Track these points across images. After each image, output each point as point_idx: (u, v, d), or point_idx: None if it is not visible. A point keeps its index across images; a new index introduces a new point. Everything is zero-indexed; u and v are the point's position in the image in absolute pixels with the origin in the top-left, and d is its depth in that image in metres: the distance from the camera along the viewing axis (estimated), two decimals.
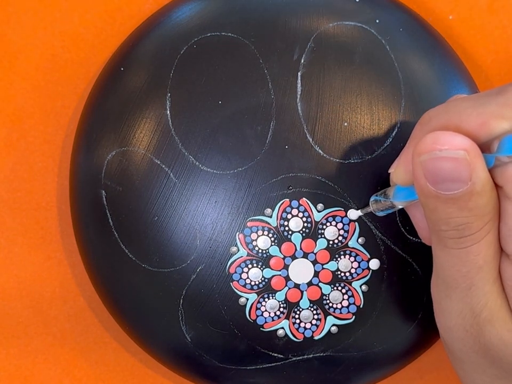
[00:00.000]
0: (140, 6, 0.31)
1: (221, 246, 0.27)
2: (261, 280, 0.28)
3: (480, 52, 0.32)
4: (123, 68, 0.28)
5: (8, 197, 0.31)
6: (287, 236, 0.28)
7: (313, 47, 0.28)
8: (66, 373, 0.32)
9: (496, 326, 0.22)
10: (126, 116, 0.28)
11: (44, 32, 0.30)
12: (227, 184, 0.27)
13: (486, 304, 0.22)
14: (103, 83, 0.29)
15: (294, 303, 0.28)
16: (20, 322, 0.31)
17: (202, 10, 0.28)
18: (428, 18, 0.31)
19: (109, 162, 0.28)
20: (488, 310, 0.22)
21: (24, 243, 0.31)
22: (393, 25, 0.29)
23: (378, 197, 0.26)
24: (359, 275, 0.28)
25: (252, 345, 0.28)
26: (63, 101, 0.31)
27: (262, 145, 0.27)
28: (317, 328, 0.28)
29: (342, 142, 0.28)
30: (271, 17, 0.28)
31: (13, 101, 0.31)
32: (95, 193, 0.28)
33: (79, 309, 0.31)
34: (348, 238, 0.28)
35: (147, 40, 0.29)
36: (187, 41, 0.28)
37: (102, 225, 0.28)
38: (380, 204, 0.26)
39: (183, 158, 0.27)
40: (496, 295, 0.22)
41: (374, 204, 0.27)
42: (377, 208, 0.26)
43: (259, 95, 0.27)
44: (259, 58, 0.28)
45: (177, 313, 0.28)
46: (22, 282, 0.31)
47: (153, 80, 0.28)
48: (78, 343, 0.32)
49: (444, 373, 0.33)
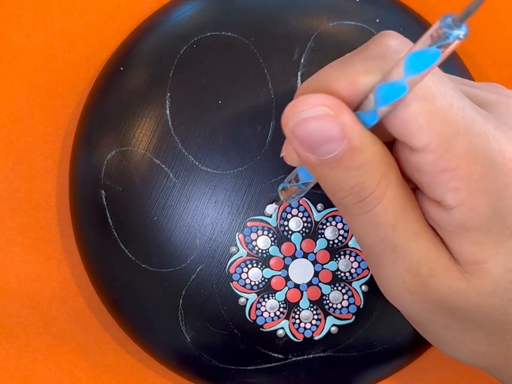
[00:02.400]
0: (140, 6, 0.31)
1: (220, 246, 0.27)
2: (260, 280, 0.28)
3: (480, 51, 0.32)
4: (123, 67, 0.28)
5: (7, 197, 0.31)
6: (287, 236, 0.28)
7: (313, 46, 0.28)
8: (66, 373, 0.32)
9: (440, 277, 0.21)
10: (126, 115, 0.28)
11: (43, 32, 0.30)
12: (227, 184, 0.27)
13: (420, 260, 0.21)
14: (103, 83, 0.29)
15: (294, 303, 0.28)
16: (19, 323, 0.31)
17: (202, 10, 0.28)
18: (428, 18, 0.31)
19: (109, 162, 0.28)
20: (425, 264, 0.21)
21: (24, 243, 0.31)
22: (394, 25, 0.29)
23: (285, 184, 0.25)
24: (359, 275, 0.28)
25: (251, 346, 0.28)
26: (63, 101, 0.31)
27: (262, 145, 0.27)
28: (317, 328, 0.28)
29: None
30: (271, 17, 0.28)
31: (13, 101, 0.30)
32: (94, 193, 0.28)
33: (79, 309, 0.31)
34: (348, 238, 0.28)
35: (147, 40, 0.29)
36: (187, 41, 0.28)
37: (101, 225, 0.28)
38: (288, 190, 0.25)
39: (182, 157, 0.27)
40: (426, 248, 0.21)
41: (282, 192, 0.26)
42: (288, 196, 0.25)
43: (259, 95, 0.27)
44: (259, 58, 0.28)
45: (177, 313, 0.28)
46: (22, 282, 0.31)
47: (153, 80, 0.28)
48: (78, 343, 0.31)
49: (444, 373, 0.33)
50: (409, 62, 0.17)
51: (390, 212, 0.20)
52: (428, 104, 0.18)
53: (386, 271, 0.22)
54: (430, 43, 0.16)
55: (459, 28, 0.15)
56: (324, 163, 0.20)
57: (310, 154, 0.19)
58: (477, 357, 0.23)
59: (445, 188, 0.19)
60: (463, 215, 0.20)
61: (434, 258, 0.21)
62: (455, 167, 0.19)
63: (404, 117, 0.19)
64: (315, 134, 0.19)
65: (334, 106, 0.19)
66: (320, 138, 0.19)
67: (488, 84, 0.24)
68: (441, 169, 0.19)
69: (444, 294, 0.21)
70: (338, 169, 0.20)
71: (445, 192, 0.19)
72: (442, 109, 0.19)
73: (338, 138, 0.19)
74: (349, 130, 0.19)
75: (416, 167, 0.20)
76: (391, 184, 0.20)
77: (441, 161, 0.19)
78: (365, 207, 0.20)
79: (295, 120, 0.19)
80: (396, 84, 0.17)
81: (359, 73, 0.19)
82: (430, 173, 0.19)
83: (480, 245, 0.20)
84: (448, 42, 0.16)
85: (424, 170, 0.20)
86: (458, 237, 0.20)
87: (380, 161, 0.20)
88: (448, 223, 0.20)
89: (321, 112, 0.19)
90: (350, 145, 0.19)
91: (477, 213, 0.20)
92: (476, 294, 0.21)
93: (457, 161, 0.19)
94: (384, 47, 0.19)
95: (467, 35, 0.15)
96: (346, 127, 0.19)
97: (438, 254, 0.21)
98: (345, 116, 0.19)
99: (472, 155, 0.19)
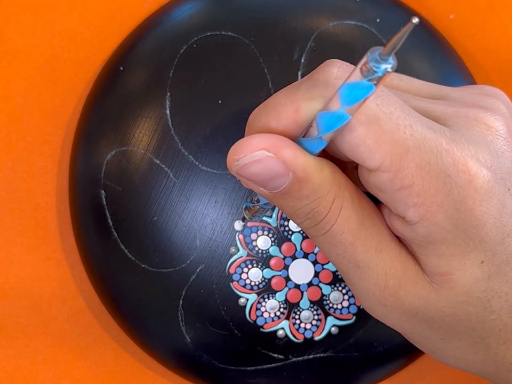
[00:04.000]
0: (140, 6, 0.31)
1: (221, 246, 0.27)
2: (261, 280, 0.28)
3: (481, 51, 0.32)
4: (123, 67, 0.28)
5: (7, 197, 0.31)
6: (287, 236, 0.28)
7: (314, 46, 0.28)
8: (65, 373, 0.32)
9: (408, 288, 0.21)
10: (126, 115, 0.28)
11: (43, 32, 0.30)
12: (227, 184, 0.27)
13: (386, 273, 0.21)
14: (103, 83, 0.29)
15: (294, 304, 0.28)
16: (19, 323, 0.31)
17: (202, 10, 0.28)
18: (428, 18, 0.31)
19: (109, 162, 0.28)
20: (391, 277, 0.21)
21: (23, 243, 0.31)
22: (394, 24, 0.29)
23: (247, 203, 0.26)
24: None
25: (252, 346, 0.28)
26: (63, 101, 0.31)
27: None
28: (317, 329, 0.28)
29: None
30: (271, 17, 0.28)
31: (13, 101, 0.30)
32: (94, 193, 0.28)
33: (79, 309, 0.31)
34: None
35: (147, 40, 0.29)
36: (187, 40, 0.28)
37: (101, 225, 0.28)
38: (251, 210, 0.26)
39: (182, 157, 0.27)
40: (390, 260, 0.21)
41: (247, 212, 0.26)
42: (252, 215, 0.26)
43: (259, 95, 0.27)
44: (259, 57, 0.28)
45: (177, 313, 0.28)
46: (21, 283, 0.31)
47: (153, 80, 0.28)
48: (77, 344, 0.31)
49: (444, 373, 0.33)
50: (344, 93, 0.17)
51: (346, 230, 0.21)
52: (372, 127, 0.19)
53: (355, 285, 0.22)
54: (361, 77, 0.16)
55: (386, 62, 0.15)
56: (276, 195, 0.20)
57: (262, 189, 0.20)
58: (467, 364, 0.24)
59: (405, 205, 0.20)
60: (425, 229, 0.20)
61: (401, 270, 0.21)
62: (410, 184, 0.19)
63: (351, 141, 0.19)
64: (259, 175, 0.20)
65: (273, 146, 0.19)
66: (266, 177, 0.20)
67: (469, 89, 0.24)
68: (398, 187, 0.19)
69: (415, 304, 0.22)
70: (291, 200, 0.20)
71: (405, 208, 0.20)
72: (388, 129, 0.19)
73: (283, 174, 0.20)
74: (291, 165, 0.19)
75: (376, 186, 0.20)
76: (345, 204, 0.21)
77: (396, 179, 0.19)
78: (321, 229, 0.21)
79: (237, 166, 0.20)
80: (335, 113, 0.18)
81: (302, 100, 0.20)
82: (388, 191, 0.20)
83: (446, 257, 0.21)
84: (377, 76, 0.16)
85: (383, 189, 0.20)
86: (425, 250, 0.21)
87: (329, 185, 0.20)
88: (413, 237, 0.21)
89: (261, 155, 0.19)
90: (296, 178, 0.20)
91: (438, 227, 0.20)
92: (447, 303, 0.21)
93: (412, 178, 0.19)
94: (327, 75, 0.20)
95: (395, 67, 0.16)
96: (288, 163, 0.19)
97: (405, 266, 0.21)
98: (285, 153, 0.19)
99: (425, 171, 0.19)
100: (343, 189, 0.21)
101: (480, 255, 0.20)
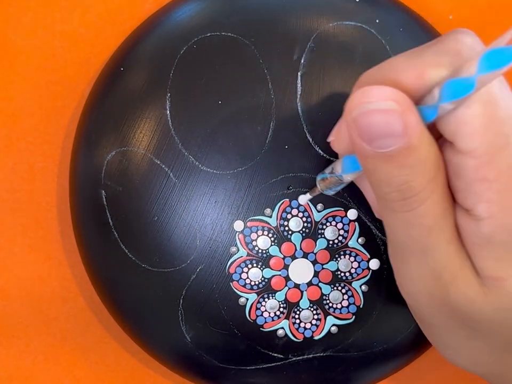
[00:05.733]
0: (140, 6, 0.31)
1: (221, 246, 0.27)
2: (260, 280, 0.28)
3: None
4: (123, 68, 0.28)
5: (8, 197, 0.31)
6: (287, 236, 0.28)
7: (313, 47, 0.28)
8: (66, 373, 0.32)
9: (460, 286, 0.21)
10: (126, 116, 0.28)
11: (43, 32, 0.30)
12: (227, 184, 0.27)
13: (445, 266, 0.21)
14: (103, 83, 0.29)
15: (294, 303, 0.28)
16: (19, 323, 0.31)
17: (202, 10, 0.28)
18: (428, 18, 0.31)
19: (109, 162, 0.28)
20: (448, 271, 0.21)
21: (24, 243, 0.31)
22: (393, 25, 0.29)
23: (325, 174, 0.25)
24: (359, 275, 0.28)
25: (251, 345, 0.28)
26: (63, 101, 0.31)
27: (262, 145, 0.27)
28: (317, 328, 0.28)
29: None
30: (271, 17, 0.28)
31: (13, 101, 0.31)
32: (95, 193, 0.28)
33: (79, 309, 0.31)
34: (347, 238, 0.28)
35: (147, 40, 0.29)
36: (187, 41, 0.28)
37: (102, 225, 0.28)
38: (327, 181, 0.25)
39: (183, 158, 0.27)
40: (454, 255, 0.21)
41: (321, 183, 0.25)
42: (326, 187, 0.25)
43: (259, 95, 0.27)
44: (259, 58, 0.28)
45: (177, 313, 0.28)
46: (22, 283, 0.31)
47: (153, 80, 0.28)
48: (78, 343, 0.32)
49: (444, 373, 0.33)
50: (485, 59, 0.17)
51: (431, 214, 0.20)
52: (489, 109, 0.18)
53: (409, 269, 0.22)
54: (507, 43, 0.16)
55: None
56: (378, 156, 0.19)
57: (366, 145, 0.19)
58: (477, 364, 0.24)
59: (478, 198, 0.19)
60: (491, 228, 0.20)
61: (458, 266, 0.21)
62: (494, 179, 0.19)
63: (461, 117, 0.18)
64: (378, 126, 0.19)
65: (402, 103, 0.18)
66: (382, 131, 0.19)
67: None
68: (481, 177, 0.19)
69: (461, 302, 0.21)
70: (391, 165, 0.19)
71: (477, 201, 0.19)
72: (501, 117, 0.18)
73: (399, 135, 0.19)
74: (412, 129, 0.19)
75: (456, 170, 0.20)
76: (437, 188, 0.20)
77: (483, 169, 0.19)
78: (408, 205, 0.20)
79: (361, 109, 0.19)
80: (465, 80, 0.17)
81: (429, 65, 0.19)
82: (468, 179, 0.19)
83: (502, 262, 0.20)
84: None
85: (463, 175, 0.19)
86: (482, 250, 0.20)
87: (432, 163, 0.19)
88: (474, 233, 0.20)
89: (389, 107, 0.18)
90: (409, 144, 0.19)
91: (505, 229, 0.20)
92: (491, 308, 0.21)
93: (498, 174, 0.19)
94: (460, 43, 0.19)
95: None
96: (409, 125, 0.18)
97: (462, 263, 0.21)
98: (411, 115, 0.18)
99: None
100: (440, 172, 0.20)
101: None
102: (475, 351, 0.23)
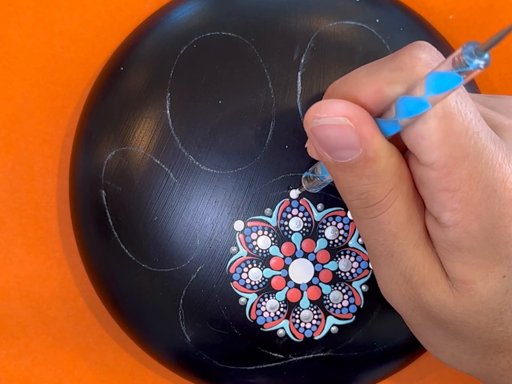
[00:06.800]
0: (140, 6, 0.31)
1: (221, 246, 0.27)
2: (261, 280, 0.28)
3: None
4: (123, 67, 0.28)
5: (7, 197, 0.31)
6: (287, 236, 0.28)
7: (313, 46, 0.28)
8: (66, 373, 0.32)
9: (429, 288, 0.22)
10: (126, 115, 0.28)
11: (43, 32, 0.30)
12: (227, 184, 0.27)
13: (414, 268, 0.22)
14: (103, 83, 0.29)
15: (294, 303, 0.28)
16: (19, 323, 0.31)
17: (202, 10, 0.28)
18: (428, 18, 0.31)
19: (109, 162, 0.28)
20: (417, 273, 0.22)
21: (24, 243, 0.31)
22: (394, 25, 0.29)
23: (308, 173, 0.26)
24: (359, 275, 0.28)
25: (252, 345, 0.28)
26: (63, 101, 0.31)
27: (262, 145, 0.27)
28: (317, 328, 0.28)
29: None
30: (271, 17, 0.28)
31: (13, 101, 0.30)
32: (95, 193, 0.28)
33: (79, 309, 0.31)
34: (348, 238, 0.28)
35: (147, 40, 0.29)
36: (187, 41, 0.28)
37: (102, 225, 0.28)
38: (311, 180, 0.26)
39: (183, 158, 0.27)
40: (422, 258, 0.22)
41: (305, 182, 0.26)
42: (310, 186, 0.26)
43: (259, 95, 0.27)
44: (259, 58, 0.28)
45: (177, 313, 0.28)
46: (22, 283, 0.31)
47: (153, 80, 0.28)
48: (78, 344, 0.31)
49: (444, 373, 0.33)
50: (431, 81, 0.17)
51: (393, 221, 0.21)
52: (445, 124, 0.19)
53: (382, 270, 0.23)
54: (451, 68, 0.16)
55: (480, 57, 0.15)
56: (338, 165, 0.20)
57: (327, 154, 0.20)
58: (462, 363, 0.24)
59: (443, 207, 0.20)
60: (456, 235, 0.20)
61: (428, 269, 0.22)
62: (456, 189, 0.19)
63: (419, 132, 0.19)
64: (334, 139, 0.19)
65: (356, 117, 0.19)
66: (338, 143, 0.20)
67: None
68: (443, 188, 0.20)
69: (431, 304, 0.22)
70: (350, 174, 0.20)
71: (442, 210, 0.20)
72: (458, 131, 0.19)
73: (355, 147, 0.19)
74: (366, 142, 0.19)
75: (421, 180, 0.20)
76: (400, 196, 0.21)
77: (444, 180, 0.19)
78: (370, 213, 0.21)
79: (315, 124, 0.20)
80: (417, 99, 0.18)
81: (385, 82, 0.19)
82: (431, 189, 0.20)
83: (470, 266, 0.21)
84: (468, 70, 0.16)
85: (427, 186, 0.20)
86: (450, 255, 0.21)
87: (392, 173, 0.20)
88: (441, 239, 0.21)
89: (341, 122, 0.19)
90: (365, 155, 0.19)
91: (470, 236, 0.20)
92: (462, 310, 0.22)
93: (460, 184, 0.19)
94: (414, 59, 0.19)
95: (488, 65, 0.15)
96: (363, 139, 0.19)
97: (432, 266, 0.22)
98: (364, 128, 0.19)
99: (475, 180, 0.19)
100: (402, 182, 0.20)
101: (504, 270, 0.21)
102: (456, 350, 0.24)
